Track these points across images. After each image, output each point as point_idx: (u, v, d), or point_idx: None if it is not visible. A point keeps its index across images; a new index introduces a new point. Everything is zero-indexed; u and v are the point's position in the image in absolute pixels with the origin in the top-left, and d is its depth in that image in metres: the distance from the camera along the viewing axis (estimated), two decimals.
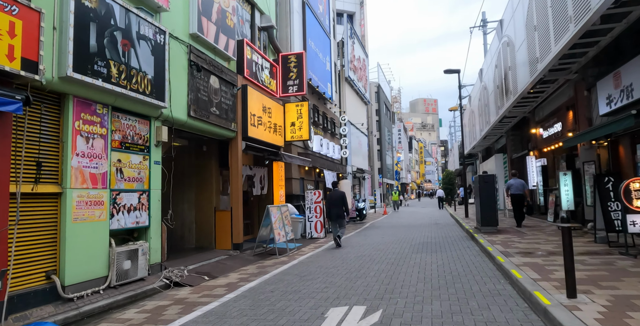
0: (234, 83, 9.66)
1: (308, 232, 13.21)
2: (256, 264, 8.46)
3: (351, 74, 23.81)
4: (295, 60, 12.49)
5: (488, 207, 10.64)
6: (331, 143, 18.55)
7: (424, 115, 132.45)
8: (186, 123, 7.82)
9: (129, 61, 6.18)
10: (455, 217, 18.16)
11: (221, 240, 9.73)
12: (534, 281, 4.85)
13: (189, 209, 10.05)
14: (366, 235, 13.33)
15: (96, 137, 5.83)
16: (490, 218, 10.62)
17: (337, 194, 10.55)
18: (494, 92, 16.45)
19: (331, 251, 9.66)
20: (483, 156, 31.57)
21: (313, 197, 13.53)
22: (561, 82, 11.78)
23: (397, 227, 15.82)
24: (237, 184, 9.66)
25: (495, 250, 7.56)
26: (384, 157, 42.55)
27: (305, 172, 15.45)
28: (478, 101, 21.84)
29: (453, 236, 11.63)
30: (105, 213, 5.91)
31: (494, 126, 17.90)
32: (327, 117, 18.84)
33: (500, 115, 15.50)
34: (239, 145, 9.76)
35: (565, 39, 7.98)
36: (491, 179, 10.74)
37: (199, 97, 8.24)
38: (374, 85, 41.20)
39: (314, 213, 13.35)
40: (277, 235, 9.39)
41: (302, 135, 12.47)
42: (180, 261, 8.09)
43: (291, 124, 12.61)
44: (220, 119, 8.95)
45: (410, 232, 13.36)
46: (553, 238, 9.05)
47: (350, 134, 23.31)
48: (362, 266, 7.50)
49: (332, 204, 10.43)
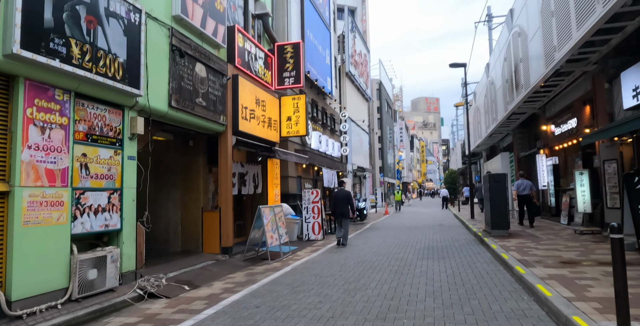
0: (223, 72, 8.86)
1: (305, 233, 12.42)
2: (245, 271, 7.67)
3: (352, 68, 22.98)
4: (292, 51, 11.68)
5: (499, 208, 9.82)
6: (330, 140, 17.74)
7: (425, 113, 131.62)
8: (167, 114, 7.02)
9: (95, 41, 5.38)
10: (460, 218, 17.36)
11: (209, 243, 8.94)
12: (567, 301, 4.04)
13: (174, 210, 9.25)
14: (367, 237, 12.54)
15: (54, 127, 5.03)
16: (501, 220, 9.81)
17: (343, 193, 10.79)
18: (502, 87, 15.63)
19: (329, 256, 8.87)
20: (487, 155, 30.71)
21: (311, 196, 12.74)
22: (577, 74, 10.95)
23: (399, 228, 15.02)
24: (226, 182, 8.86)
25: (511, 257, 6.75)
26: (385, 156, 41.72)
27: (303, 170, 14.65)
28: (484, 97, 21.01)
29: (460, 239, 10.82)
30: (65, 215, 5.11)
31: (501, 123, 17.08)
32: (327, 112, 18.04)
33: (509, 111, 14.68)
34: (228, 140, 8.96)
35: (590, 22, 7.16)
36: (502, 178, 9.93)
37: (183, 86, 7.44)
38: (375, 82, 40.36)
39: (311, 214, 12.56)
40: (270, 238, 8.59)
41: (298, 130, 11.66)
42: (160, 268, 7.29)
43: (287, 119, 11.81)
44: (208, 111, 8.15)
45: (413, 234, 12.56)
46: (572, 243, 8.24)
47: (350, 131, 22.50)
48: (362, 274, 6.70)
49: (337, 203, 10.59)
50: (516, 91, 13.21)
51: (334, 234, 13.96)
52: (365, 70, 27.45)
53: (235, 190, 9.81)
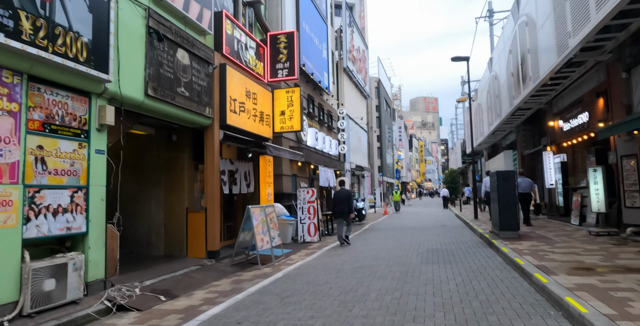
0: (209, 60, 8.14)
1: (300, 235, 11.70)
2: (232, 277, 6.95)
3: (350, 64, 22.27)
4: (286, 41, 10.97)
5: (508, 208, 9.12)
6: (328, 138, 17.04)
7: (424, 113, 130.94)
8: (143, 104, 6.30)
9: (52, 15, 4.66)
10: (462, 218, 16.66)
11: (194, 246, 8.23)
12: (611, 321, 3.34)
13: (157, 210, 8.53)
14: (365, 238, 11.83)
15: (1, 114, 4.31)
16: (511, 221, 9.10)
17: (344, 192, 10.75)
18: (506, 82, 14.94)
19: (324, 260, 8.16)
20: (489, 153, 30.01)
21: (306, 196, 12.02)
22: (589, 65, 10.27)
23: (399, 229, 14.32)
24: (213, 180, 8.15)
25: (527, 263, 6.05)
26: (384, 155, 41.02)
27: (298, 168, 13.93)
28: (486, 93, 20.34)
29: (466, 241, 10.12)
30: (15, 216, 4.39)
31: (505, 119, 16.39)
32: (324, 109, 17.33)
33: (515, 107, 13.99)
34: (215, 135, 8.24)
35: (613, 2, 6.47)
36: (511, 176, 9.22)
37: (162, 73, 6.72)
38: (374, 80, 39.66)
39: (306, 215, 11.84)
40: (260, 241, 7.88)
41: (292, 125, 10.95)
42: (136, 275, 6.57)
43: (281, 113, 11.09)
44: (191, 102, 7.43)
45: (415, 236, 11.85)
46: (590, 246, 7.54)
47: (349, 129, 21.79)
48: (360, 282, 6.00)
49: (338, 202, 10.52)
50: (523, 84, 12.53)
51: (331, 235, 13.25)
52: (364, 66, 26.74)
53: (226, 189, 9.10)
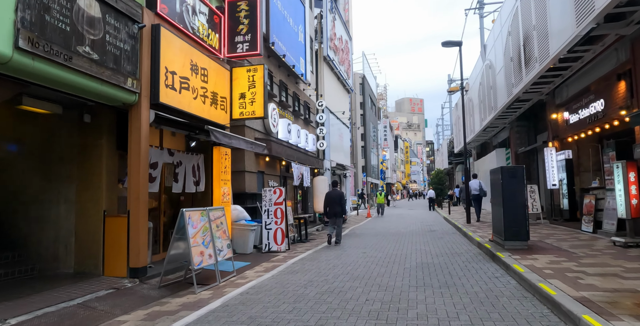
0: (134, 18, 6.20)
1: (265, 243, 9.82)
2: (150, 307, 5.04)
3: (331, 53, 20.45)
4: (247, 9, 9.08)
5: (515, 213, 7.36)
6: (304, 131, 15.18)
7: (409, 114, 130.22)
8: (11, 61, 4.35)
9: None
10: (452, 223, 14.97)
11: (113, 261, 6.28)
12: None
13: (66, 213, 6.54)
14: (342, 247, 10.01)
15: None
16: (519, 229, 7.35)
17: (336, 193, 10.82)
18: (504, 69, 13.31)
19: (285, 279, 6.29)
20: (478, 153, 28.48)
21: (272, 196, 10.15)
22: (608, 42, 8.64)
23: (383, 235, 12.54)
24: (138, 175, 6.21)
25: (560, 293, 4.26)
26: (369, 155, 39.37)
27: (267, 165, 12.03)
28: (479, 85, 18.75)
29: (463, 252, 8.35)
30: None
31: (501, 112, 14.77)
32: (300, 99, 15.47)
33: (514, 96, 12.33)
34: (143, 116, 6.31)
35: None
36: (519, 172, 7.48)
37: (49, 21, 4.77)
38: (358, 76, 38.01)
39: (273, 219, 9.97)
40: (198, 255, 5.96)
41: (254, 110, 9.06)
42: (7, 308, 4.60)
43: (240, 96, 9.19)
44: (102, 68, 5.49)
45: (400, 244, 10.07)
46: (630, 264, 5.80)
47: (329, 124, 19.98)
48: (325, 319, 4.15)
49: (331, 203, 10.58)
50: (526, 69, 10.86)
51: (304, 242, 11.39)
52: (347, 58, 24.95)
53: (154, 186, 7.16)
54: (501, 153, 19.39)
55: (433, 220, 18.44)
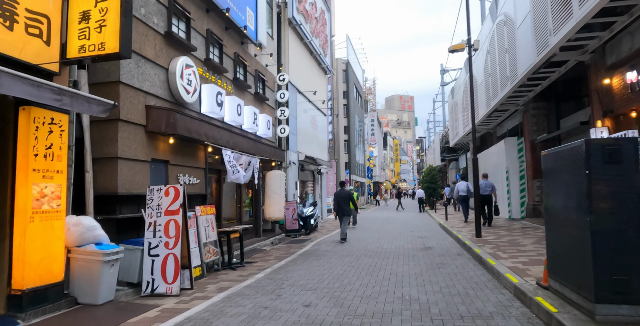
0: None
1: (147, 280, 5.72)
2: None
3: (300, 17, 16.27)
4: None
5: (623, 238, 3.33)
6: (251, 109, 11.02)
7: (399, 112, 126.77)
8: None
9: None
10: (451, 233, 10.94)
11: None
12: None
13: None
14: (289, 278, 5.93)
15: None
16: (629, 278, 3.30)
17: (344, 193, 11.24)
18: (532, 14, 9.28)
19: None
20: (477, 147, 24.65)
21: (163, 200, 6.06)
22: None
23: (355, 256, 8.45)
24: None
25: None
26: (353, 150, 35.34)
27: (175, 150, 7.80)
28: (485, 55, 14.79)
29: (492, 315, 4.30)
30: None
31: (522, 82, 10.81)
32: (248, 66, 11.30)
33: (552, 48, 8.30)
34: None
35: None
36: (630, 150, 3.45)
37: None
38: (341, 61, 33.94)
39: (163, 239, 5.87)
40: None
41: (104, 42, 4.87)
42: None
43: (81, 18, 5.01)
44: None
45: (377, 282, 5.99)
46: None
47: (296, 106, 15.86)
48: None
49: (341, 203, 10.95)
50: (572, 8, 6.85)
51: (234, 269, 7.20)
52: (324, 31, 20.81)
53: None
54: (512, 143, 15.47)
55: (426, 228, 14.42)
